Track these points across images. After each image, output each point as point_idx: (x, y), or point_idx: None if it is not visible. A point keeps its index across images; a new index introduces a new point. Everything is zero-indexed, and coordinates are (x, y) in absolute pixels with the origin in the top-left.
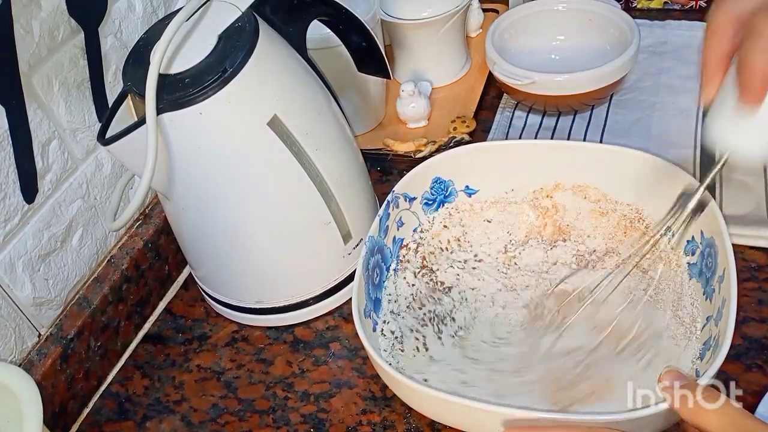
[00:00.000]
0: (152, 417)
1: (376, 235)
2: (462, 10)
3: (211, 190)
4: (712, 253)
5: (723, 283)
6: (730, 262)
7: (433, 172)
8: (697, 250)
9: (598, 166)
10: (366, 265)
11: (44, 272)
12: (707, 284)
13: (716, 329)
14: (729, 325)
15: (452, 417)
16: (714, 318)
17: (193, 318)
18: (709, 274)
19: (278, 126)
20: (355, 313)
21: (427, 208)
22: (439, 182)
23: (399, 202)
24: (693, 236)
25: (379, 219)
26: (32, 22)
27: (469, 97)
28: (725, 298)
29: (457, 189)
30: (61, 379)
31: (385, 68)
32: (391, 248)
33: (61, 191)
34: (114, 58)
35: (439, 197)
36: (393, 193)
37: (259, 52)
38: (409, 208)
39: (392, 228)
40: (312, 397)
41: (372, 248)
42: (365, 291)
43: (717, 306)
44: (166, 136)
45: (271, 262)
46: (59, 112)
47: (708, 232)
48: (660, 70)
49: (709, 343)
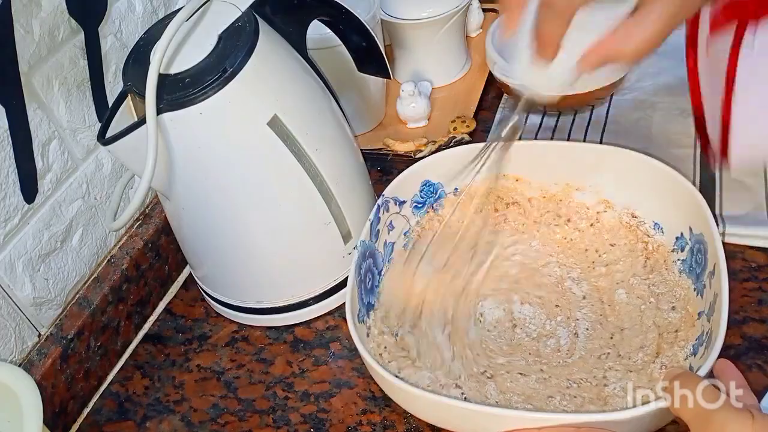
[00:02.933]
0: (152, 417)
1: (368, 239)
2: (462, 10)
3: (211, 190)
4: (702, 249)
5: (714, 278)
6: (720, 257)
7: (422, 175)
8: (686, 246)
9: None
10: (358, 270)
11: (44, 272)
12: (697, 280)
13: (708, 325)
14: (722, 319)
15: (450, 421)
16: (706, 313)
17: (193, 318)
18: (699, 270)
19: (278, 126)
20: (349, 318)
21: (417, 211)
22: (429, 185)
23: (389, 205)
24: (681, 232)
25: (370, 223)
26: (32, 22)
27: (469, 97)
28: (717, 293)
29: (446, 192)
30: (61, 379)
31: (385, 68)
32: (382, 252)
33: (61, 191)
34: (114, 58)
35: (428, 200)
36: (383, 197)
37: (259, 52)
38: (399, 212)
39: (383, 232)
40: (312, 397)
41: (364, 252)
42: (358, 296)
43: (709, 301)
44: (166, 136)
45: (271, 262)
46: (59, 112)
47: (696, 228)
48: (660, 70)
49: (702, 339)
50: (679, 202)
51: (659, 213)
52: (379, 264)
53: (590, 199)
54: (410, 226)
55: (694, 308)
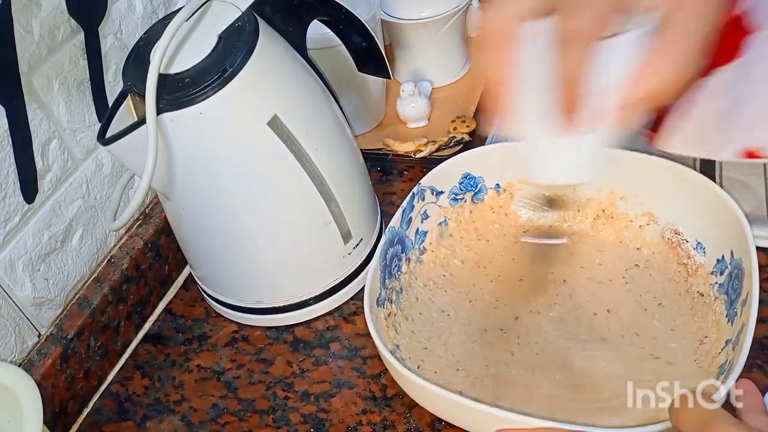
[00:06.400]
0: (152, 417)
1: (398, 226)
2: (462, 10)
3: (211, 190)
4: (740, 275)
5: (745, 307)
6: (754, 287)
7: (462, 167)
8: (726, 270)
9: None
10: (384, 255)
11: (44, 272)
12: (731, 306)
13: (732, 354)
14: (743, 350)
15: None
16: (733, 342)
17: (193, 318)
18: (734, 296)
19: (278, 126)
20: (366, 302)
21: (455, 203)
22: (469, 178)
23: (425, 194)
24: (723, 255)
25: (402, 210)
26: (32, 21)
27: (469, 97)
28: (744, 323)
29: (487, 186)
30: (61, 379)
31: (385, 68)
32: (412, 240)
33: (61, 191)
34: (114, 58)
35: (467, 192)
36: (419, 185)
37: (259, 52)
38: (436, 202)
39: (416, 220)
40: (312, 397)
41: (392, 239)
42: (380, 280)
43: (736, 330)
44: (166, 136)
45: (271, 262)
46: (59, 112)
47: (738, 253)
48: None
49: (725, 368)
50: (722, 223)
51: (702, 232)
52: (407, 251)
53: (633, 210)
54: (447, 217)
55: (722, 335)
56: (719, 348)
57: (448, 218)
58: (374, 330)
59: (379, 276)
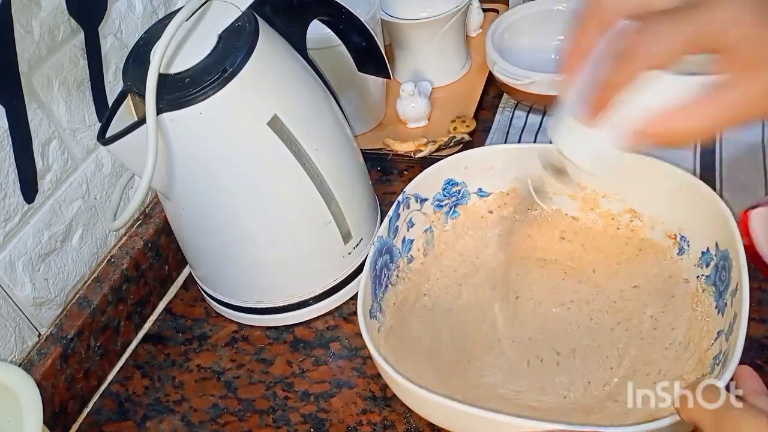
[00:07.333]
0: (152, 417)
1: (385, 235)
2: (462, 10)
3: (211, 190)
4: (726, 266)
5: (735, 297)
6: (743, 277)
7: (445, 173)
8: (711, 262)
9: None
10: (373, 266)
11: (44, 272)
12: (720, 298)
13: (726, 344)
14: (739, 341)
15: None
16: (725, 333)
17: (193, 318)
18: (723, 288)
19: (278, 126)
20: (360, 314)
21: (439, 210)
22: (452, 184)
23: (410, 202)
24: (708, 248)
25: (389, 219)
26: (32, 21)
27: (469, 97)
28: (737, 313)
29: (470, 191)
30: (61, 379)
31: (385, 68)
32: (400, 249)
33: (61, 191)
34: (114, 58)
35: (451, 198)
36: (404, 194)
37: (259, 52)
38: (420, 209)
39: (402, 228)
40: (312, 397)
41: (381, 249)
42: (372, 291)
43: (728, 321)
44: (166, 136)
45: (271, 262)
46: (59, 112)
47: (723, 244)
48: None
49: (719, 358)
50: (706, 216)
51: (686, 226)
52: (395, 260)
53: (617, 207)
54: (432, 224)
55: (713, 326)
56: (711, 339)
57: (434, 225)
58: (369, 339)
59: (370, 287)
